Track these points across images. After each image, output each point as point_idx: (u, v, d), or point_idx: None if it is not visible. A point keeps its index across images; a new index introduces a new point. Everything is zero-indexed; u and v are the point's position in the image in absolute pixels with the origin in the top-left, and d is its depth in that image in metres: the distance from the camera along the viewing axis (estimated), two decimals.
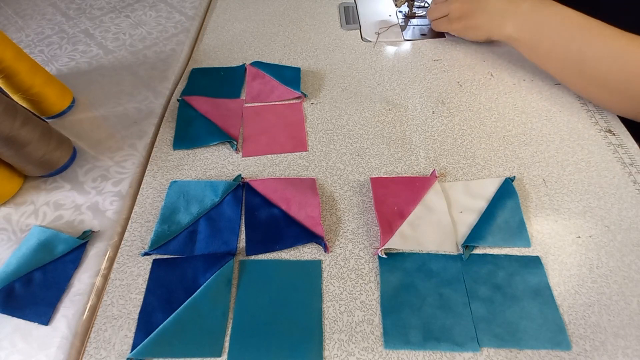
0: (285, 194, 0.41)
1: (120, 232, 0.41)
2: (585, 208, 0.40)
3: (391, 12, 0.66)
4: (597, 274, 0.35)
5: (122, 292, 0.36)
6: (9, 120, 0.38)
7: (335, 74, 0.56)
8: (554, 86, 0.52)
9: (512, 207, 0.39)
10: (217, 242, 0.39)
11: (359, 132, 0.48)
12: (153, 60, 0.60)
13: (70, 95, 0.53)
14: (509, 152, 0.45)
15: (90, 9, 0.71)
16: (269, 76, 0.55)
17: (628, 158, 0.43)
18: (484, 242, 0.37)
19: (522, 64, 0.55)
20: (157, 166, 0.46)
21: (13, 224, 0.42)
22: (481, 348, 0.32)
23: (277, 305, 0.35)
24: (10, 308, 0.35)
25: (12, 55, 0.45)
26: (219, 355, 0.32)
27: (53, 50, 0.63)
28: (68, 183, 0.45)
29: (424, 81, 0.54)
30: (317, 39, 0.62)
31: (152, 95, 0.54)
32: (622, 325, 0.33)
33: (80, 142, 0.49)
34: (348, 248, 0.38)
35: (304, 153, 0.47)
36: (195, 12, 0.68)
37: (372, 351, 0.32)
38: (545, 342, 0.32)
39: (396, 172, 0.44)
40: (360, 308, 0.35)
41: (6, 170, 0.43)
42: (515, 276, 0.35)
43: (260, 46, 0.62)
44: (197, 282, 0.36)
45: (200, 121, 0.50)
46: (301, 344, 0.32)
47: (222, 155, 0.47)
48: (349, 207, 0.41)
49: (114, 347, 0.33)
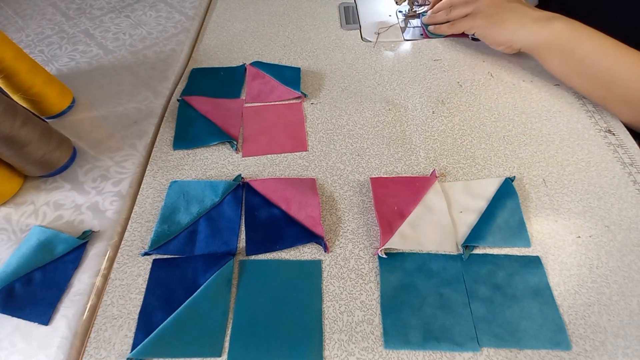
0: (285, 194, 0.41)
1: (120, 232, 0.41)
2: (585, 208, 0.40)
3: (391, 12, 0.66)
4: (597, 274, 0.35)
5: (122, 292, 0.36)
6: (9, 120, 0.38)
7: (335, 74, 0.56)
8: (554, 86, 0.52)
9: (512, 207, 0.39)
10: (217, 242, 0.39)
11: (359, 132, 0.48)
12: (153, 60, 0.60)
13: (70, 95, 0.53)
14: (509, 152, 0.45)
15: (90, 9, 0.71)
16: (269, 76, 0.55)
17: (628, 158, 0.43)
18: (484, 242, 0.37)
19: (521, 64, 0.55)
20: (157, 166, 0.46)
21: (13, 224, 0.42)
22: (481, 348, 0.32)
23: (277, 305, 0.35)
24: (10, 308, 0.35)
25: (12, 55, 0.45)
26: (219, 355, 0.32)
27: (53, 50, 0.63)
28: (68, 183, 0.45)
29: (424, 81, 0.54)
30: (317, 39, 0.62)
31: (152, 95, 0.54)
32: (622, 325, 0.33)
33: (80, 142, 0.49)
34: (348, 248, 0.38)
35: (304, 153, 0.47)
36: (195, 12, 0.68)
37: (372, 351, 0.32)
38: (545, 342, 0.32)
39: (396, 172, 0.44)
40: (360, 308, 0.35)
41: (6, 170, 0.43)
42: (515, 276, 0.35)
43: (260, 46, 0.62)
44: (197, 282, 0.36)
45: (200, 121, 0.50)
46: (301, 344, 0.32)
47: (222, 155, 0.47)
48: (349, 207, 0.41)
49: (114, 347, 0.33)
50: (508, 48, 0.53)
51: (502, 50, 0.54)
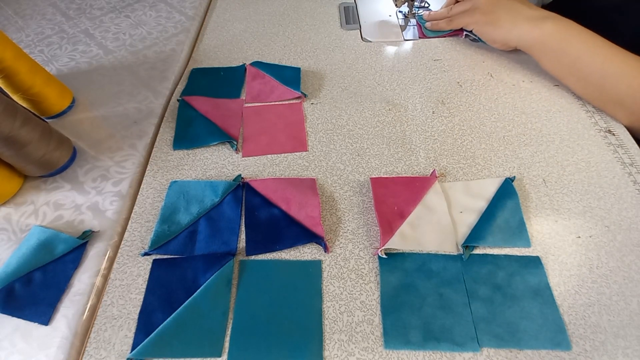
0: (285, 194, 0.41)
1: (120, 232, 0.41)
2: (585, 208, 0.40)
3: (391, 12, 0.66)
4: (597, 274, 0.35)
5: (122, 292, 0.36)
6: (9, 120, 0.38)
7: (335, 74, 0.56)
8: (553, 86, 0.52)
9: (512, 207, 0.39)
10: (217, 242, 0.39)
11: (359, 132, 0.48)
12: (153, 60, 0.60)
13: (70, 95, 0.53)
14: (509, 152, 0.45)
15: (90, 9, 0.71)
16: (269, 76, 0.55)
17: (628, 158, 0.43)
18: (484, 242, 0.37)
19: (521, 64, 0.55)
20: (157, 166, 0.46)
21: (13, 224, 0.42)
22: (481, 348, 0.32)
23: (277, 305, 0.35)
24: (10, 308, 0.35)
25: (12, 55, 0.45)
26: (219, 355, 0.32)
27: (53, 50, 0.63)
28: (68, 183, 0.45)
29: (424, 81, 0.54)
30: (317, 39, 0.62)
31: (152, 95, 0.54)
32: (622, 325, 0.33)
33: (80, 142, 0.49)
34: (348, 248, 0.38)
35: (304, 153, 0.47)
36: (195, 12, 0.68)
37: (372, 351, 0.32)
38: (545, 342, 0.32)
39: (396, 172, 0.44)
40: (360, 308, 0.35)
41: (6, 170, 0.43)
42: (515, 276, 0.35)
43: (260, 46, 0.62)
44: (197, 282, 0.36)
45: (200, 121, 0.50)
46: (301, 344, 0.32)
47: (222, 155, 0.47)
48: (349, 207, 0.41)
49: (114, 347, 0.33)
50: (504, 45, 0.54)
51: (498, 47, 0.55)
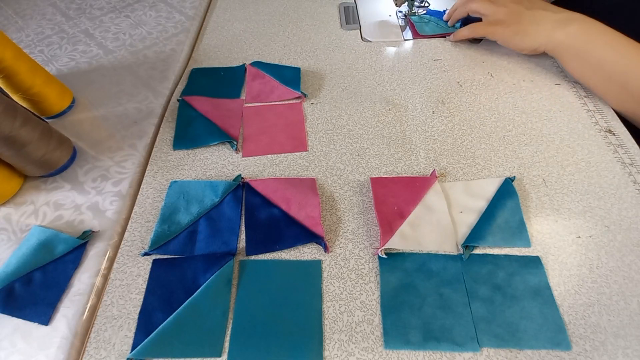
0: (285, 194, 0.41)
1: (120, 232, 0.41)
2: (585, 208, 0.40)
3: (391, 12, 0.66)
4: (597, 274, 0.35)
5: (122, 292, 0.36)
6: (9, 120, 0.38)
7: (335, 74, 0.56)
8: (554, 86, 0.52)
9: (512, 207, 0.39)
10: (217, 242, 0.39)
11: (359, 132, 0.48)
12: (153, 60, 0.60)
13: (70, 95, 0.53)
14: (509, 152, 0.45)
15: (90, 9, 0.71)
16: (269, 76, 0.55)
17: (628, 158, 0.43)
18: (484, 242, 0.37)
19: (521, 64, 0.55)
20: (157, 166, 0.46)
21: (13, 224, 0.42)
22: (481, 348, 0.32)
23: (277, 305, 0.35)
24: (10, 308, 0.35)
25: (12, 55, 0.45)
26: (219, 355, 0.32)
27: (53, 50, 0.63)
28: (68, 183, 0.45)
29: (424, 81, 0.54)
30: (317, 39, 0.62)
31: (152, 95, 0.54)
32: (622, 325, 0.33)
33: (80, 142, 0.49)
34: (348, 248, 0.38)
35: (304, 153, 0.47)
36: (195, 12, 0.68)
37: (372, 351, 0.32)
38: (545, 342, 0.32)
39: (396, 172, 0.44)
40: (360, 308, 0.35)
41: (6, 170, 0.43)
42: (515, 276, 0.35)
43: (260, 46, 0.62)
44: (197, 282, 0.36)
45: (200, 121, 0.50)
46: (301, 344, 0.32)
47: (222, 155, 0.47)
48: (349, 207, 0.41)
49: (114, 347, 0.33)
50: (532, 52, 0.53)
51: (526, 53, 0.55)
